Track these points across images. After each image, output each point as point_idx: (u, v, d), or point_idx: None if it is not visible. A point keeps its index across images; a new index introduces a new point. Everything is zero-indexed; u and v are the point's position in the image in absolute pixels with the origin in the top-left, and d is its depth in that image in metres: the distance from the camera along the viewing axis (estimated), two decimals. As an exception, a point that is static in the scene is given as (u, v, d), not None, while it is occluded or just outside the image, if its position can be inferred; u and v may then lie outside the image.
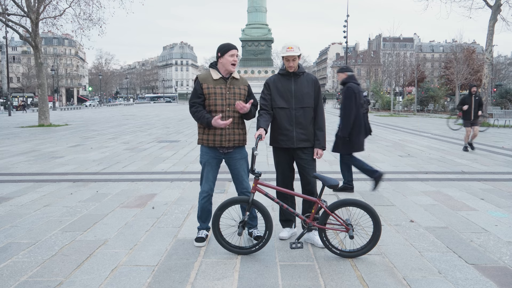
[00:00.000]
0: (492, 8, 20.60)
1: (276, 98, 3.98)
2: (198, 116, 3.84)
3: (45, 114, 20.61)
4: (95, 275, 3.31)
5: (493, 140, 13.76)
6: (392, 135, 15.32)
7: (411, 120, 26.14)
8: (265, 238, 3.71)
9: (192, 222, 4.62)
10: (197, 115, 3.84)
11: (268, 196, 3.68)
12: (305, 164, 4.00)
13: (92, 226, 4.53)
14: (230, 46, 3.87)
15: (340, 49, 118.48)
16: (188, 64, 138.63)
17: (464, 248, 3.89)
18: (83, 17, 21.64)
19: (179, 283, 3.17)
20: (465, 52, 41.35)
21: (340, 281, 3.23)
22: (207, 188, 3.99)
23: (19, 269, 3.42)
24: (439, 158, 9.48)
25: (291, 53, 3.85)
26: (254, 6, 56.72)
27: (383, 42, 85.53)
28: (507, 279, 3.25)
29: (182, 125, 20.50)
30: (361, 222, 4.45)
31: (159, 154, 10.08)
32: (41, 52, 21.07)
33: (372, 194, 6.00)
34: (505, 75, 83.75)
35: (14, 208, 5.26)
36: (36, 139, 13.91)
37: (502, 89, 37.14)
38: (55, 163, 8.87)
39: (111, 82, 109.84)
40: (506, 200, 5.70)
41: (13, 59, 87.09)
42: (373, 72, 51.88)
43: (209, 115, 3.82)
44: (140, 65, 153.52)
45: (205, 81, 3.86)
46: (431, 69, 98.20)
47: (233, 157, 3.97)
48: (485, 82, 20.97)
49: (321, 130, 4.05)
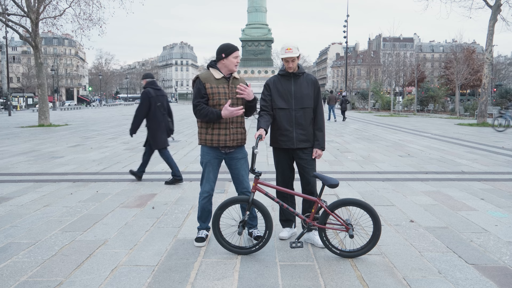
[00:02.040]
0: (492, 8, 20.60)
1: (276, 99, 3.98)
2: (205, 113, 3.77)
3: (45, 114, 20.61)
4: (95, 275, 3.31)
5: (493, 140, 13.76)
6: (392, 135, 15.32)
7: (411, 120, 26.14)
8: (265, 238, 3.71)
9: (192, 222, 4.62)
10: (204, 112, 3.77)
11: (268, 195, 3.68)
12: (305, 164, 4.00)
13: (92, 226, 4.53)
14: (234, 47, 3.88)
15: (340, 49, 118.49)
16: (188, 64, 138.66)
17: (464, 248, 3.89)
18: (83, 17, 21.65)
19: (179, 283, 3.17)
20: (465, 52, 41.30)
21: (340, 281, 3.23)
22: (208, 188, 3.99)
23: (19, 269, 3.42)
24: (439, 158, 9.48)
25: (290, 55, 3.85)
26: (254, 6, 56.65)
27: (383, 42, 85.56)
28: (507, 279, 3.25)
29: (182, 125, 20.50)
30: (361, 222, 4.45)
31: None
32: (41, 52, 21.06)
33: (372, 194, 6.00)
34: (505, 75, 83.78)
35: (14, 208, 5.26)
36: (36, 139, 13.91)
37: (502, 89, 37.11)
38: (55, 163, 8.87)
39: (111, 82, 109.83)
40: (506, 200, 5.70)
41: (13, 59, 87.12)
42: (373, 72, 51.78)
43: (216, 109, 3.78)
44: (140, 65, 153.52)
45: (207, 80, 3.84)
46: (431, 69, 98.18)
47: (234, 156, 3.97)
48: (485, 82, 20.96)
49: (321, 130, 4.05)
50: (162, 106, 6.67)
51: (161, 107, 6.64)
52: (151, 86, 6.66)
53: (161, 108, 6.64)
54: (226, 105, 3.74)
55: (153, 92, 6.56)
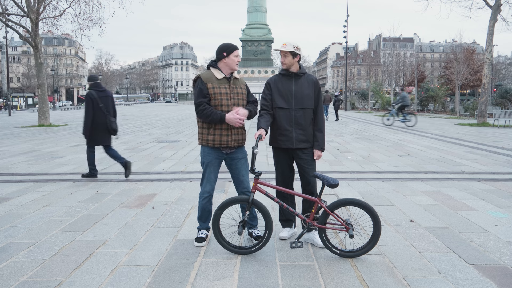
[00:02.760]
0: (492, 8, 20.59)
1: (277, 98, 3.98)
2: (208, 113, 3.75)
3: (45, 114, 20.61)
4: (95, 275, 3.31)
5: (493, 140, 13.76)
6: (392, 135, 15.32)
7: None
8: (265, 238, 3.71)
9: (192, 222, 4.62)
10: (207, 112, 3.75)
11: (268, 195, 3.68)
12: (304, 164, 4.00)
13: (92, 226, 4.53)
14: (235, 46, 3.90)
15: (340, 49, 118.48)
16: (188, 64, 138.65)
17: (464, 248, 3.89)
18: (83, 17, 21.64)
19: (179, 283, 3.17)
20: (465, 52, 41.33)
21: (340, 281, 3.23)
22: (208, 189, 3.99)
23: (19, 269, 3.42)
24: (439, 158, 9.48)
25: (282, 48, 3.90)
26: (254, 6, 56.68)
27: (383, 42, 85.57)
28: (507, 279, 3.25)
29: (182, 125, 20.50)
30: (361, 222, 4.45)
31: (159, 154, 10.08)
32: (41, 52, 21.05)
33: (372, 194, 6.01)
34: (505, 75, 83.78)
35: (14, 208, 5.26)
36: (36, 139, 13.91)
37: (502, 89, 37.09)
38: (55, 163, 8.87)
39: (111, 82, 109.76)
40: (506, 200, 5.70)
41: (13, 59, 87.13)
42: (373, 72, 51.80)
43: (219, 111, 3.78)
44: (140, 65, 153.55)
45: (209, 80, 3.83)
46: (431, 69, 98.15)
47: (234, 157, 3.96)
48: (485, 82, 20.95)
49: (321, 131, 4.05)
50: (105, 106, 7.14)
51: (104, 108, 7.11)
52: (94, 88, 7.19)
53: (104, 109, 7.11)
54: (236, 110, 3.74)
55: (95, 94, 7.10)
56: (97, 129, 7.09)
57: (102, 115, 7.08)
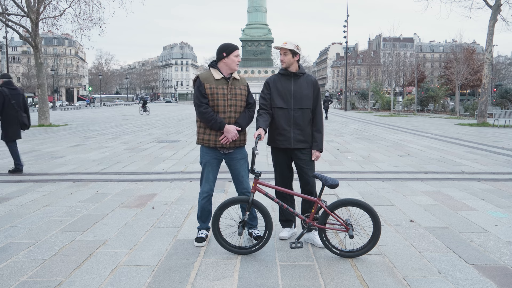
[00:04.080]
0: (492, 8, 20.60)
1: (275, 98, 3.97)
2: (209, 118, 3.75)
3: (45, 114, 20.61)
4: (95, 275, 3.31)
5: (493, 140, 13.76)
6: (392, 135, 15.32)
7: (411, 120, 26.15)
8: (265, 238, 3.70)
9: (192, 222, 4.62)
10: (207, 117, 3.75)
11: (268, 196, 3.68)
12: (303, 164, 3.99)
13: (92, 226, 4.53)
14: (235, 46, 3.89)
15: (340, 49, 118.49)
16: (188, 64, 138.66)
17: (464, 248, 3.89)
18: (83, 17, 21.66)
19: (179, 283, 3.17)
20: (465, 52, 41.30)
21: (340, 281, 3.23)
22: (207, 189, 3.99)
23: (19, 269, 3.42)
24: (439, 158, 9.48)
25: (283, 45, 3.89)
26: (254, 6, 56.64)
27: (383, 42, 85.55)
28: (507, 279, 3.25)
29: (182, 125, 20.50)
30: (361, 222, 4.45)
31: (159, 154, 10.08)
32: (41, 52, 21.05)
33: (372, 194, 6.00)
34: (505, 75, 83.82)
35: (14, 208, 5.26)
36: (36, 139, 13.90)
37: (502, 89, 37.12)
38: (55, 163, 8.87)
39: (111, 82, 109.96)
40: (506, 200, 5.70)
41: (13, 59, 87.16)
42: (373, 72, 51.77)
43: (221, 118, 3.78)
44: (140, 65, 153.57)
45: (206, 81, 3.83)
46: (431, 69, 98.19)
47: (233, 157, 3.96)
48: (485, 82, 20.96)
49: (319, 132, 4.04)
50: (17, 103, 7.69)
51: (16, 104, 7.65)
52: (6, 86, 7.70)
53: (16, 105, 7.65)
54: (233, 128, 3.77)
55: (7, 91, 7.59)
56: (10, 125, 7.63)
57: (14, 111, 7.62)
